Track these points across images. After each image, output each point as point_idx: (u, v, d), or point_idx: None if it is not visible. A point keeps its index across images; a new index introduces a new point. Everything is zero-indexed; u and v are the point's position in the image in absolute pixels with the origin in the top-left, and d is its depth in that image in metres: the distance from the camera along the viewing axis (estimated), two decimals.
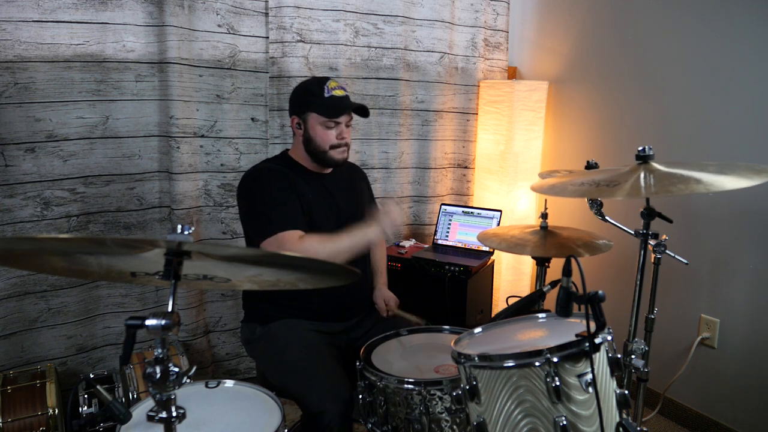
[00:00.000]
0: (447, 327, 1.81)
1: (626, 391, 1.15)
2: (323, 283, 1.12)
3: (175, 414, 0.98)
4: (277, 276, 1.11)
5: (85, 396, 1.90)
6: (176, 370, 0.96)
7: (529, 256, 1.94)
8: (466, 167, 3.04)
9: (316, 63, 2.53)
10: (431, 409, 1.43)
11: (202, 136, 2.38)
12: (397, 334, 1.77)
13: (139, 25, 2.16)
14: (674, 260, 1.77)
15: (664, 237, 1.69)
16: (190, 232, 0.94)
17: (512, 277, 2.89)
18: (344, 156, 1.86)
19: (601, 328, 1.03)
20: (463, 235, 2.64)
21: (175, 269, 0.95)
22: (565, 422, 1.06)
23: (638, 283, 1.59)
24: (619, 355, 1.15)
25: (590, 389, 1.07)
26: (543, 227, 1.88)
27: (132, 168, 2.26)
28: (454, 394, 1.24)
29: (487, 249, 2.53)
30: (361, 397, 1.55)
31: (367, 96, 2.68)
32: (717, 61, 2.16)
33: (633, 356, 1.62)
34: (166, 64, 2.19)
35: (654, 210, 1.56)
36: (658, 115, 2.38)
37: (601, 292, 1.01)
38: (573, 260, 1.08)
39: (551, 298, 1.21)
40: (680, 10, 2.27)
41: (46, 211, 2.12)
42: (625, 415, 1.15)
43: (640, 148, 1.41)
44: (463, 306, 2.39)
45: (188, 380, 0.99)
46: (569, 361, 1.08)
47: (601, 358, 1.12)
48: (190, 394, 1.46)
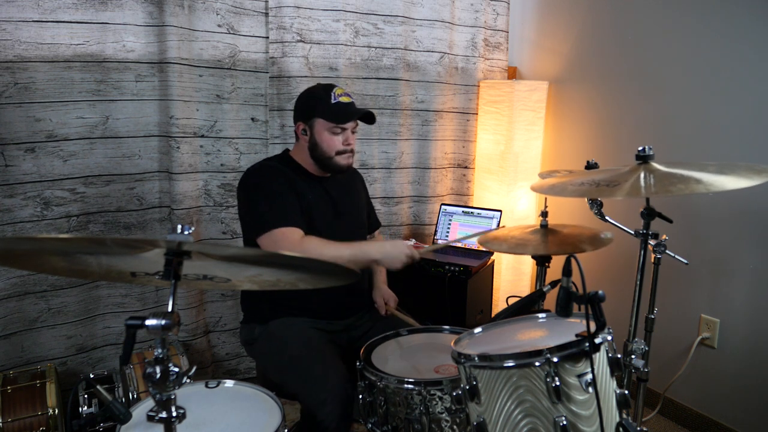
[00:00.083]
0: (447, 327, 1.81)
1: (626, 391, 1.15)
2: (323, 283, 1.12)
3: (175, 414, 0.98)
4: (277, 276, 1.11)
5: (85, 396, 1.90)
6: (176, 370, 0.96)
7: (530, 256, 1.93)
8: (466, 167, 3.04)
9: (316, 63, 2.53)
10: (431, 409, 1.43)
11: (202, 136, 2.38)
12: (397, 334, 1.77)
13: (139, 25, 2.16)
14: (674, 260, 1.77)
15: (664, 237, 1.69)
16: (190, 232, 0.94)
17: (512, 277, 2.89)
18: (349, 162, 1.87)
19: (601, 328, 1.03)
20: (463, 235, 2.64)
21: (175, 269, 0.95)
22: (565, 422, 1.06)
23: (638, 283, 1.59)
24: (619, 355, 1.15)
25: (590, 389, 1.08)
26: (543, 225, 1.88)
27: (132, 168, 2.26)
28: (454, 394, 1.24)
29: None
30: (361, 397, 1.55)
31: (367, 96, 2.68)
32: (717, 61, 2.16)
33: (633, 356, 1.62)
34: (166, 64, 2.19)
35: (654, 210, 1.56)
36: (658, 115, 2.38)
37: (601, 292, 1.01)
38: (573, 260, 1.08)
39: (551, 298, 1.21)
40: (680, 10, 2.27)
41: (46, 211, 2.12)
42: (625, 415, 1.15)
43: (640, 148, 1.41)
44: (463, 306, 2.39)
45: (188, 380, 0.99)
46: (569, 361, 1.08)
47: (601, 358, 1.12)
48: (190, 394, 1.46)
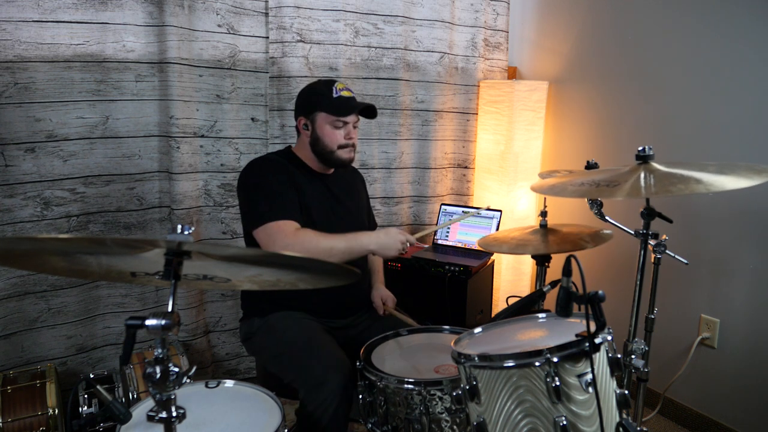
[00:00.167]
0: (447, 327, 1.81)
1: (626, 391, 1.15)
2: (323, 283, 1.12)
3: (175, 414, 0.98)
4: (277, 276, 1.11)
5: (85, 396, 1.90)
6: (176, 370, 0.96)
7: (530, 256, 1.93)
8: (466, 167, 3.04)
9: (316, 63, 2.53)
10: (431, 409, 1.43)
11: (202, 136, 2.38)
12: (397, 334, 1.77)
13: (139, 25, 2.16)
14: (674, 260, 1.77)
15: (664, 237, 1.69)
16: (190, 232, 0.95)
17: (512, 277, 2.89)
18: (351, 156, 1.87)
19: (601, 328, 1.03)
20: (463, 235, 2.63)
21: (175, 269, 0.95)
22: (565, 422, 1.06)
23: (638, 283, 1.59)
24: (619, 355, 1.15)
25: (590, 389, 1.07)
26: (543, 225, 1.88)
27: (132, 168, 2.26)
28: (454, 394, 1.24)
29: None
30: (361, 397, 1.55)
31: (367, 96, 2.68)
32: (717, 61, 2.16)
33: (633, 356, 1.62)
34: (166, 64, 2.19)
35: (654, 210, 1.56)
36: (658, 115, 2.38)
37: (601, 292, 1.01)
38: (573, 260, 1.08)
39: (551, 298, 1.21)
40: (680, 10, 2.26)
41: (46, 211, 2.12)
42: (625, 415, 1.15)
43: (640, 148, 1.41)
44: (463, 306, 2.39)
45: (188, 380, 0.99)
46: (569, 361, 1.08)
47: (601, 358, 1.12)
48: (190, 394, 1.46)
